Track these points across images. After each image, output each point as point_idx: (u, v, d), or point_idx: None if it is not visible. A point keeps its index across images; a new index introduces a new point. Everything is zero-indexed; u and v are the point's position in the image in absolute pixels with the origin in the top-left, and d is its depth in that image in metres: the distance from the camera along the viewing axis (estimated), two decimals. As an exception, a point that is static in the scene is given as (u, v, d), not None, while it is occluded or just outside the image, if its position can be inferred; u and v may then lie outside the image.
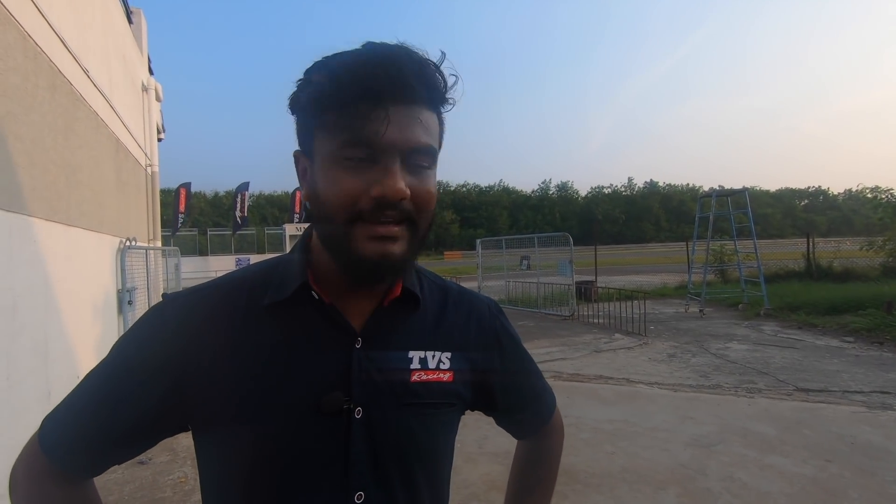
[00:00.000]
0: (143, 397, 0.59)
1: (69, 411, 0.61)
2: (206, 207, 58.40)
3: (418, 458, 0.65)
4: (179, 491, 3.04)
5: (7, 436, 2.49)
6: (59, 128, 3.49)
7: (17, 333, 2.67)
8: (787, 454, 3.50)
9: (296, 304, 0.61)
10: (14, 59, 2.75)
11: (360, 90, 0.53)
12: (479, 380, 0.71)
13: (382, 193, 0.53)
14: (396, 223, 0.56)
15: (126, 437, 0.60)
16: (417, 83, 0.55)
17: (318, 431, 0.59)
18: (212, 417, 0.59)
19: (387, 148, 0.54)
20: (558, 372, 5.94)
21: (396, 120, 0.54)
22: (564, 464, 3.38)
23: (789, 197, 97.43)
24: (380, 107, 0.53)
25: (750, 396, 4.86)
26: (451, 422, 0.69)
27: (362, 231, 0.55)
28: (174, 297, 0.64)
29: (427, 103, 0.58)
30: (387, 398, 0.62)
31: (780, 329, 8.28)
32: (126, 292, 5.16)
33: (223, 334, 0.60)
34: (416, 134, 0.55)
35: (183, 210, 19.24)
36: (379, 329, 0.64)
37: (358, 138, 0.53)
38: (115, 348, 0.62)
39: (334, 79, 0.54)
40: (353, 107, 0.53)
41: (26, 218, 2.86)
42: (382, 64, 0.54)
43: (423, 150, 0.56)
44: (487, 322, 0.75)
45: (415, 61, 0.56)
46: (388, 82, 0.53)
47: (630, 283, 14.71)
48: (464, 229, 72.39)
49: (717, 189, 11.09)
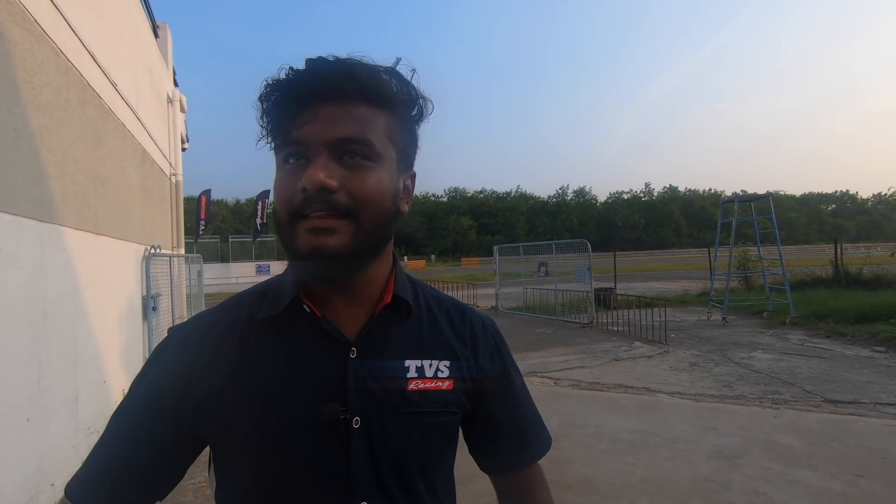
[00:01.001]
0: (158, 432, 0.60)
1: (95, 462, 0.61)
2: (228, 215, 59.53)
3: (419, 466, 0.65)
4: (200, 495, 3.09)
5: (38, 438, 2.56)
6: (88, 139, 3.61)
7: (48, 339, 2.76)
8: (814, 468, 3.39)
9: (289, 318, 0.63)
10: (47, 74, 2.86)
11: (286, 94, 0.57)
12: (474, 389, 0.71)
13: (303, 186, 0.55)
14: (332, 216, 0.56)
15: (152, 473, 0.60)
16: (347, 82, 0.56)
17: (318, 443, 0.60)
18: (219, 436, 0.61)
19: (311, 142, 0.56)
20: (576, 381, 5.86)
21: (323, 116, 0.56)
22: (583, 474, 3.35)
23: (815, 201, 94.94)
24: (306, 107, 0.56)
25: (775, 408, 4.72)
26: (451, 430, 0.69)
27: (301, 225, 0.56)
28: (178, 328, 0.66)
29: (367, 101, 0.58)
30: (384, 407, 0.62)
31: (806, 338, 8.04)
32: (150, 299, 5.28)
33: (223, 354, 0.62)
34: (343, 127, 0.56)
35: (204, 217, 19.65)
36: (373, 338, 0.65)
37: (287, 139, 0.57)
38: (130, 389, 0.64)
39: (269, 93, 0.58)
40: (284, 112, 0.57)
41: (57, 227, 2.96)
42: (310, 71, 0.57)
43: (354, 142, 0.57)
44: (485, 338, 0.75)
45: (347, 65, 0.57)
46: (312, 83, 0.56)
47: (650, 289, 14.48)
48: (481, 235, 72.34)
49: (739, 194, 10.88)
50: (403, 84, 0.62)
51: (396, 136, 0.62)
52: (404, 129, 0.63)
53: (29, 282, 2.58)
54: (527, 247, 13.61)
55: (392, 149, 0.61)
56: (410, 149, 0.66)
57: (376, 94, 0.59)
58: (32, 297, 2.61)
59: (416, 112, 0.65)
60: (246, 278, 24.22)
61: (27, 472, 2.43)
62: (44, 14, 2.81)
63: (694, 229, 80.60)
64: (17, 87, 2.49)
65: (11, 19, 2.44)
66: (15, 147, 2.46)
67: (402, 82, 0.62)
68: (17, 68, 2.50)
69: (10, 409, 2.31)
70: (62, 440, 2.85)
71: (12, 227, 2.41)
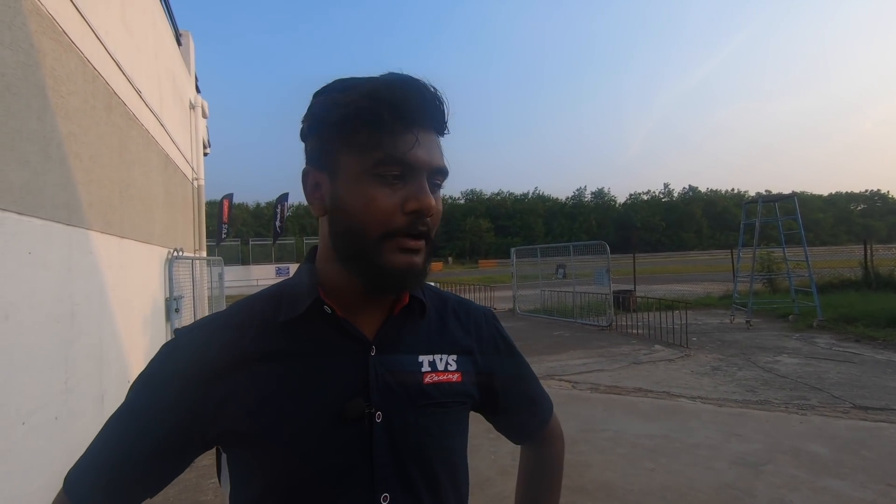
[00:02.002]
0: (165, 429, 0.60)
1: (93, 456, 0.62)
2: (248, 218, 60.58)
3: (438, 457, 0.67)
4: (220, 495, 3.14)
5: (66, 437, 2.64)
6: (114, 146, 3.71)
7: (75, 339, 2.84)
8: (843, 477, 3.28)
9: (310, 320, 0.64)
10: (75, 82, 2.95)
11: (395, 112, 0.58)
12: (483, 381, 0.75)
13: (418, 208, 0.58)
14: (419, 238, 0.61)
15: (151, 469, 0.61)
16: (436, 111, 0.62)
17: (342, 438, 0.61)
18: (239, 437, 0.61)
19: (417, 167, 0.59)
20: (595, 384, 5.80)
21: (424, 142, 0.60)
22: (602, 479, 3.30)
23: (843, 201, 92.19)
24: (410, 129, 0.59)
25: (802, 413, 4.59)
26: (462, 420, 0.73)
27: (392, 244, 0.59)
28: (188, 330, 0.66)
29: (440, 130, 0.65)
30: (403, 401, 0.65)
31: (835, 342, 7.80)
32: (173, 300, 5.39)
33: (241, 356, 0.62)
34: (438, 156, 0.63)
35: (226, 221, 19.99)
36: (391, 337, 0.67)
37: (392, 156, 0.58)
38: (130, 390, 0.64)
39: (371, 100, 0.58)
40: (389, 127, 0.58)
41: (84, 231, 3.04)
42: (411, 91, 0.60)
43: (442, 172, 0.63)
44: (485, 328, 0.79)
45: (431, 92, 0.62)
46: (418, 107, 0.60)
47: (671, 292, 14.25)
48: (499, 237, 72.10)
49: (763, 194, 10.62)
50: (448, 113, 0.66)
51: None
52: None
53: (57, 284, 2.66)
54: (544, 249, 13.52)
55: None
56: None
57: (444, 125, 0.65)
58: (60, 299, 2.69)
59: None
60: (266, 280, 24.59)
61: (54, 469, 2.50)
62: (72, 25, 2.91)
63: (716, 230, 79.04)
64: (46, 96, 2.58)
65: (41, 30, 2.53)
66: (44, 154, 2.54)
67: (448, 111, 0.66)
68: (47, 77, 2.58)
69: (39, 408, 2.38)
70: (88, 438, 2.89)
71: (42, 231, 2.49)
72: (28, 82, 2.38)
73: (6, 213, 2.14)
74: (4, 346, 2.10)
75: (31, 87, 2.42)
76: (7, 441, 2.08)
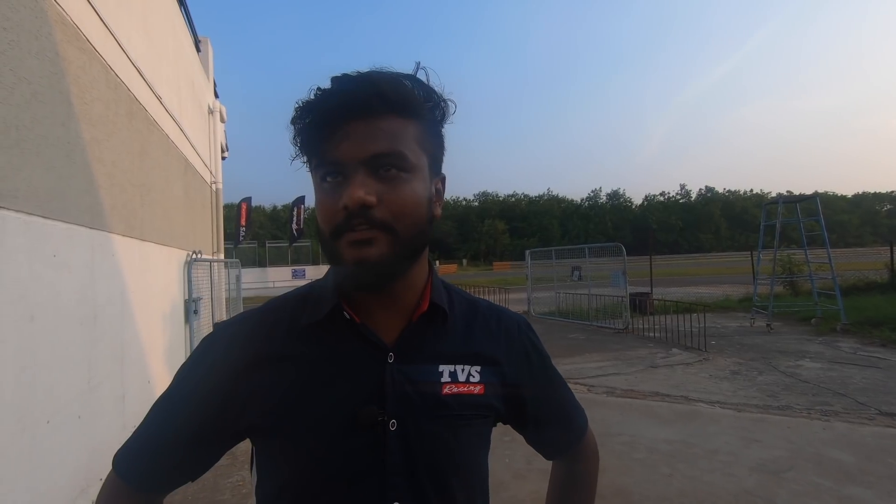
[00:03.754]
0: (201, 416, 0.64)
1: (139, 437, 0.67)
2: (265, 221, 61.32)
3: (451, 468, 0.66)
4: (237, 494, 3.18)
5: (89, 434, 2.70)
6: (135, 151, 3.79)
7: (97, 340, 2.91)
8: (869, 485, 3.19)
9: (330, 324, 0.65)
10: (98, 90, 3.03)
11: (318, 117, 0.59)
12: (511, 393, 0.73)
13: (344, 204, 0.57)
14: (371, 228, 0.58)
15: (190, 453, 0.65)
16: (374, 98, 0.59)
17: (355, 444, 0.62)
18: (264, 431, 0.64)
19: (346, 161, 0.58)
20: (611, 388, 5.73)
21: (355, 134, 0.58)
22: (618, 484, 3.26)
23: (869, 202, 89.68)
24: (338, 127, 0.58)
25: (825, 420, 4.47)
26: (483, 434, 0.71)
27: (344, 240, 0.59)
28: (225, 325, 0.70)
29: (395, 113, 0.60)
30: (419, 410, 0.64)
31: (859, 346, 7.59)
32: (192, 302, 5.49)
33: (270, 353, 0.65)
34: (376, 142, 0.58)
35: (244, 224, 20.29)
36: (410, 344, 0.67)
37: (323, 159, 0.59)
38: (175, 377, 0.68)
39: (301, 116, 0.60)
40: (317, 133, 0.59)
41: (106, 234, 3.12)
42: (337, 90, 0.59)
43: (387, 156, 0.59)
44: (517, 338, 0.76)
45: (372, 81, 0.59)
46: (341, 103, 0.58)
47: (688, 294, 14.02)
48: (514, 239, 71.80)
49: (784, 195, 10.40)
50: (426, 90, 0.64)
51: (425, 142, 0.63)
52: (432, 135, 0.65)
53: (80, 286, 2.73)
54: (559, 251, 13.42)
55: (423, 156, 0.63)
56: (439, 152, 0.67)
57: (403, 106, 0.60)
58: (83, 301, 2.76)
59: (440, 115, 0.66)
60: (282, 282, 24.88)
61: (78, 466, 2.56)
62: (95, 33, 2.99)
63: (735, 231, 77.63)
64: (70, 103, 2.65)
65: (66, 39, 2.60)
66: (69, 159, 2.62)
67: (424, 89, 0.64)
68: (71, 85, 2.65)
69: (63, 407, 2.44)
70: (110, 437, 2.99)
71: (66, 234, 2.56)
72: (53, 90, 2.45)
73: (32, 216, 2.20)
74: (30, 346, 2.16)
75: (57, 94, 2.49)
76: (32, 438, 2.14)
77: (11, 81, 2.06)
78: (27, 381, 2.12)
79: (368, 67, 0.62)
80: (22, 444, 2.06)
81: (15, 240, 2.06)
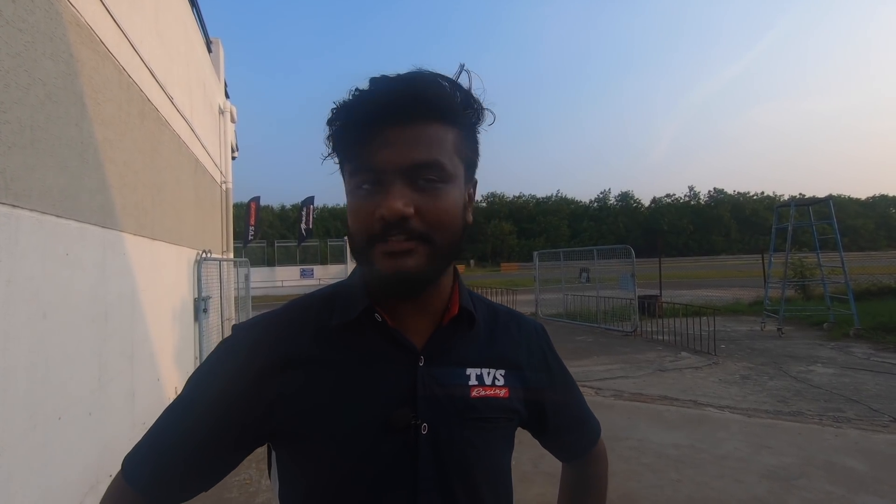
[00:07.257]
0: (220, 419, 0.61)
1: (150, 443, 0.63)
2: (274, 220, 61.68)
3: (481, 471, 0.66)
4: (245, 492, 3.20)
5: (99, 431, 2.73)
6: (146, 151, 3.83)
7: (108, 338, 2.94)
8: (882, 494, 3.14)
9: (361, 326, 0.64)
10: (111, 90, 3.07)
11: (357, 121, 0.57)
12: (532, 398, 0.73)
13: (381, 215, 0.55)
14: (409, 239, 0.57)
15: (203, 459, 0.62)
16: (415, 103, 0.57)
17: (387, 447, 0.61)
18: (289, 436, 0.63)
19: (385, 169, 0.56)
20: (619, 391, 5.69)
21: (394, 141, 0.56)
22: (625, 489, 3.24)
23: (884, 205, 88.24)
24: (377, 132, 0.56)
25: (837, 426, 4.41)
26: (508, 436, 0.71)
27: (379, 249, 0.57)
28: (245, 328, 0.67)
29: (436, 120, 0.58)
30: (450, 414, 0.64)
31: (873, 352, 7.48)
32: (202, 301, 5.53)
33: (297, 356, 0.63)
34: (416, 151, 0.57)
35: (253, 223, 20.42)
36: (439, 347, 0.66)
37: (360, 165, 0.58)
38: (189, 381, 0.65)
39: (338, 117, 0.59)
40: (354, 137, 0.58)
41: (118, 233, 3.15)
42: (375, 93, 0.58)
43: (426, 166, 0.57)
44: (536, 344, 0.77)
45: (413, 85, 0.58)
46: (381, 108, 0.56)
47: (698, 297, 13.90)
48: (521, 240, 71.57)
49: (796, 198, 10.28)
50: (467, 96, 0.62)
51: (463, 149, 0.62)
52: (469, 141, 0.64)
53: (92, 284, 2.76)
54: (567, 252, 13.36)
55: (460, 164, 0.62)
56: (474, 158, 0.66)
57: (443, 113, 0.59)
58: (95, 299, 2.79)
59: (476, 120, 0.65)
60: (291, 282, 25.00)
61: (88, 462, 2.59)
62: (108, 35, 3.02)
63: (745, 234, 76.78)
64: (83, 104, 2.68)
65: (80, 41, 2.63)
66: (82, 159, 2.65)
67: (465, 94, 0.62)
68: (84, 86, 2.69)
69: (74, 404, 2.47)
70: (120, 434, 3.02)
71: (78, 233, 2.59)
72: (67, 91, 2.48)
73: (46, 215, 2.23)
74: (43, 344, 2.19)
75: (70, 95, 2.52)
76: (44, 435, 2.17)
77: (27, 82, 2.09)
78: (39, 377, 2.15)
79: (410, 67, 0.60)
80: (34, 440, 2.09)
81: (29, 238, 2.09)
